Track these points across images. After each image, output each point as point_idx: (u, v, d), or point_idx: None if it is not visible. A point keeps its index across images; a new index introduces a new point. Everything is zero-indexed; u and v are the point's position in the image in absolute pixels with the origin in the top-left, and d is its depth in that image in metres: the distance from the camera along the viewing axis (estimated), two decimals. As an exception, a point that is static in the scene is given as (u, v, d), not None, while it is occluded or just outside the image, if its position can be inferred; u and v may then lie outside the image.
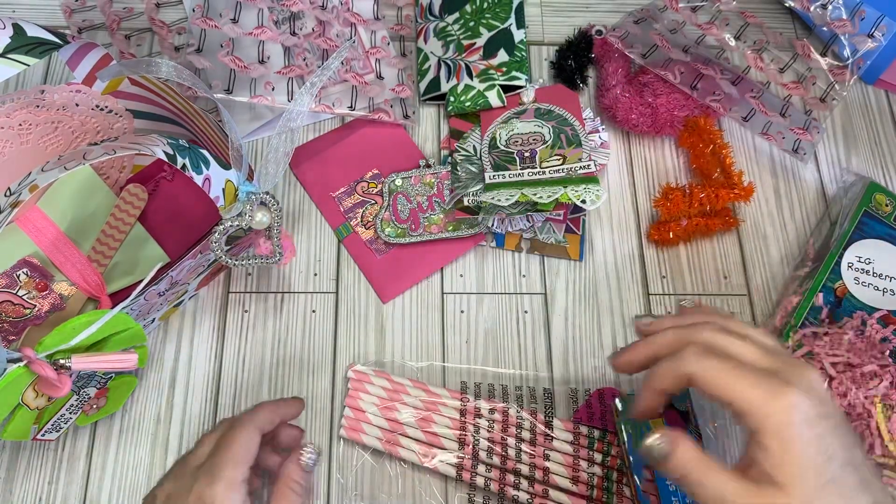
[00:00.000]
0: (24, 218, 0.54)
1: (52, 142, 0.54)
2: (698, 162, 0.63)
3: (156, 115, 0.57)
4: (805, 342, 0.54)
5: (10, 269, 0.53)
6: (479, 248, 0.61)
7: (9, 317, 0.53)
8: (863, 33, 0.60)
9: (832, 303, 0.56)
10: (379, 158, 0.63)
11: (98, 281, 0.54)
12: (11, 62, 0.45)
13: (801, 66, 0.63)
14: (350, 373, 0.56)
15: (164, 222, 0.59)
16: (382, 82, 0.65)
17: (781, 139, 0.64)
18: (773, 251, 0.63)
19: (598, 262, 0.61)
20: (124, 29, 0.67)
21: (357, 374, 0.56)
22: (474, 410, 0.54)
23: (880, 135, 0.68)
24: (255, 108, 0.64)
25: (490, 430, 0.53)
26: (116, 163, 0.58)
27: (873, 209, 0.60)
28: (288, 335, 0.58)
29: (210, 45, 0.61)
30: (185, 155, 0.45)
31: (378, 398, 0.55)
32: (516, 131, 0.62)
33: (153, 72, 0.49)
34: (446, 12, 0.69)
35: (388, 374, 0.56)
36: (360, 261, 0.60)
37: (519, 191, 0.56)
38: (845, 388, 0.51)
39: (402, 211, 0.60)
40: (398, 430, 0.53)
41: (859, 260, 0.58)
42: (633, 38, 0.65)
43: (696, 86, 0.63)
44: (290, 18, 0.63)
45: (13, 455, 0.53)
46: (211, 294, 0.59)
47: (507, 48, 0.66)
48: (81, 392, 0.48)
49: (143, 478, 0.52)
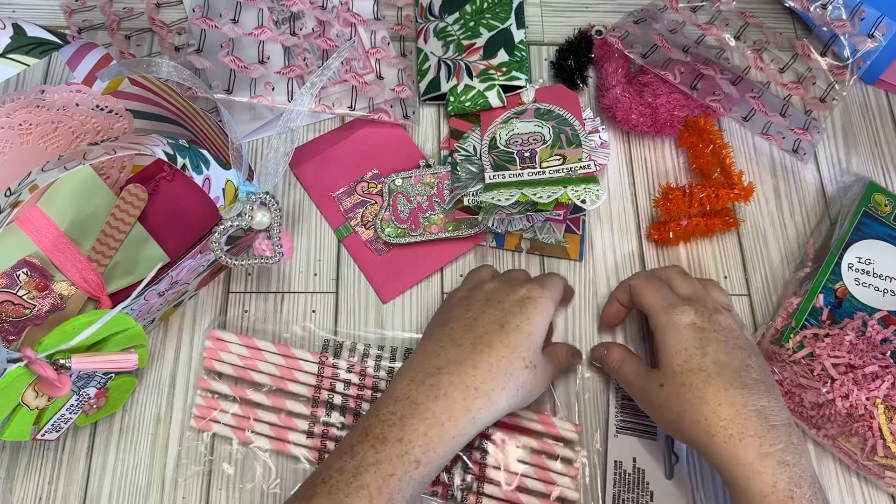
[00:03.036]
0: (24, 218, 0.54)
1: (52, 142, 0.54)
2: (698, 162, 0.63)
3: (156, 115, 0.57)
4: (806, 343, 0.54)
5: (10, 269, 0.53)
6: (479, 248, 0.61)
7: (9, 317, 0.53)
8: (863, 33, 0.60)
9: (833, 304, 0.56)
10: (379, 158, 0.63)
11: (98, 281, 0.54)
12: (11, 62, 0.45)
13: (801, 66, 0.63)
14: (208, 341, 0.55)
15: (164, 222, 0.58)
16: (382, 82, 0.65)
17: (781, 139, 0.64)
18: (773, 251, 0.63)
19: (598, 262, 0.61)
20: (124, 29, 0.67)
21: (216, 342, 0.54)
22: (332, 373, 0.54)
23: (880, 135, 0.68)
24: (255, 108, 0.64)
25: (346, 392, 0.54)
26: (116, 163, 0.58)
27: (873, 209, 0.60)
28: (288, 335, 0.57)
29: (210, 46, 0.61)
30: (185, 155, 0.45)
31: (232, 366, 0.54)
32: (516, 131, 0.62)
33: (153, 72, 0.49)
34: (446, 12, 0.69)
35: (251, 340, 0.55)
36: (360, 261, 0.60)
37: (519, 191, 0.56)
38: (847, 389, 0.51)
39: (402, 211, 0.60)
40: (251, 413, 0.53)
41: (859, 260, 0.58)
42: (633, 38, 0.65)
43: (696, 86, 0.63)
44: (290, 18, 0.63)
45: (13, 455, 0.53)
46: (211, 294, 0.59)
47: (507, 48, 0.66)
48: (81, 392, 0.48)
49: (143, 478, 0.52)
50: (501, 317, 0.49)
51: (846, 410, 0.51)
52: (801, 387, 0.53)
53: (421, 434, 0.44)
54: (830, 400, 0.51)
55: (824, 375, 0.52)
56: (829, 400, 0.51)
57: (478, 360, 0.47)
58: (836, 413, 0.51)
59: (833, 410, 0.51)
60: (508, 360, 0.47)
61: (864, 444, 0.51)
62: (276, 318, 0.58)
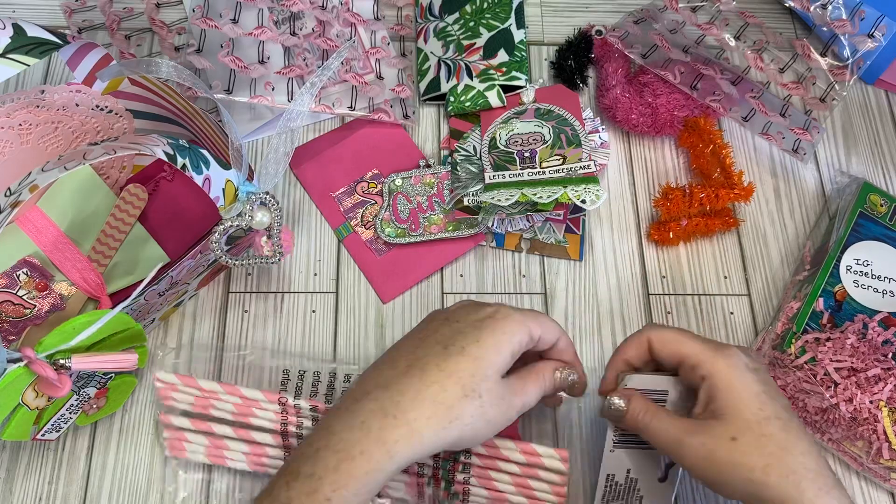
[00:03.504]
0: (24, 218, 0.54)
1: (52, 142, 0.54)
2: (698, 162, 0.63)
3: (156, 115, 0.57)
4: (808, 348, 0.53)
5: (10, 269, 0.53)
6: (479, 248, 0.61)
7: (9, 317, 0.53)
8: (863, 33, 0.60)
9: (833, 307, 0.56)
10: (379, 158, 0.63)
11: (98, 281, 0.54)
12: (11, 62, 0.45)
13: (801, 66, 0.63)
14: (156, 382, 0.51)
15: (164, 222, 0.58)
16: (382, 82, 0.65)
17: (781, 139, 0.64)
18: (773, 251, 0.63)
19: (598, 262, 0.61)
20: (124, 29, 0.67)
21: (164, 383, 0.50)
22: (295, 410, 0.50)
23: (880, 135, 0.68)
24: (255, 108, 0.64)
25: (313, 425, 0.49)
26: (116, 163, 0.58)
27: (868, 210, 0.60)
28: (288, 335, 0.58)
29: (210, 46, 0.61)
30: (185, 155, 0.45)
31: (189, 404, 0.50)
32: (516, 131, 0.62)
33: (153, 72, 0.49)
34: (446, 12, 0.69)
35: (194, 381, 0.50)
36: (360, 261, 0.60)
37: (519, 191, 0.56)
38: (850, 393, 0.51)
39: (402, 211, 0.60)
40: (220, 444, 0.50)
41: (858, 262, 0.58)
42: (633, 38, 0.65)
43: (696, 86, 0.63)
44: (290, 18, 0.63)
45: (13, 455, 0.53)
46: (211, 294, 0.59)
47: (507, 48, 0.66)
48: (81, 392, 0.48)
49: (143, 478, 0.52)
50: (449, 337, 0.42)
51: (850, 414, 0.51)
52: (805, 392, 0.52)
53: (331, 469, 0.39)
54: (834, 404, 0.51)
55: (827, 380, 0.52)
56: (832, 404, 0.51)
57: (405, 386, 0.40)
58: (840, 417, 0.51)
59: (837, 415, 0.51)
60: (440, 385, 0.40)
61: (870, 447, 0.51)
62: (276, 318, 0.58)
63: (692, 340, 0.44)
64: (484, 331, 0.42)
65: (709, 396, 0.42)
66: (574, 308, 0.59)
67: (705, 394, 0.42)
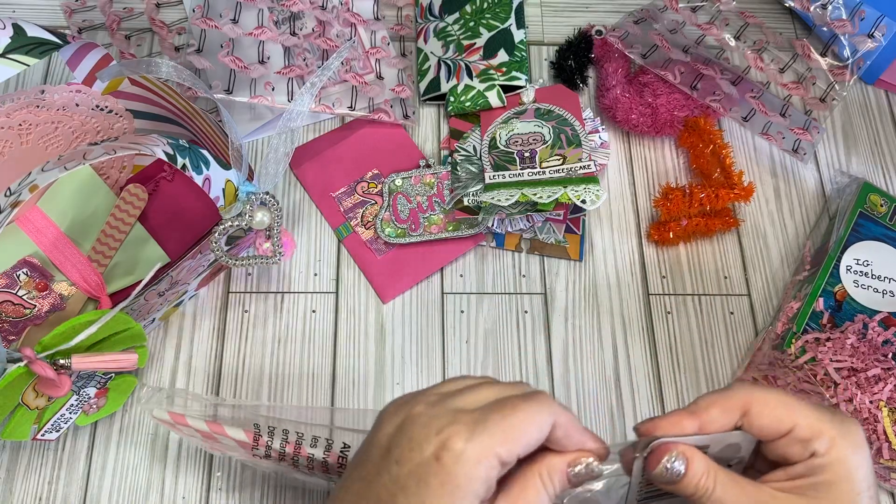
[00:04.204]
0: (24, 218, 0.54)
1: (52, 142, 0.54)
2: (698, 162, 0.63)
3: (156, 115, 0.57)
4: (808, 348, 0.53)
5: (10, 269, 0.53)
6: (479, 248, 0.61)
7: (9, 317, 0.53)
8: (863, 33, 0.60)
9: (833, 307, 0.56)
10: (379, 158, 0.63)
11: (98, 281, 0.54)
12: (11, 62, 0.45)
13: (801, 66, 0.63)
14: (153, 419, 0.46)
15: (164, 222, 0.58)
16: (382, 82, 0.65)
17: (781, 139, 0.64)
18: (773, 251, 0.63)
19: (598, 262, 0.61)
20: (124, 29, 0.67)
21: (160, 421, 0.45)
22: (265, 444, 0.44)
23: (880, 135, 0.68)
24: (255, 108, 0.64)
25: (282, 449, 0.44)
26: (116, 163, 0.58)
27: (868, 210, 0.60)
28: (288, 335, 0.58)
29: (210, 46, 0.61)
30: (185, 155, 0.45)
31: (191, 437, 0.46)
32: (516, 131, 0.62)
33: (153, 72, 0.49)
34: (446, 12, 0.69)
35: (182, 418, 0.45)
36: (360, 261, 0.60)
37: (519, 191, 0.56)
38: (850, 393, 0.51)
39: (402, 211, 0.60)
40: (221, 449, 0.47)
41: (857, 262, 0.58)
42: (633, 38, 0.65)
43: (696, 86, 0.63)
44: (290, 18, 0.63)
45: (13, 455, 0.53)
46: (211, 294, 0.59)
47: (507, 48, 0.66)
48: (81, 392, 0.48)
49: (143, 478, 0.52)
50: (390, 493, 0.32)
51: (850, 414, 0.51)
52: (805, 392, 0.52)
53: None
54: (834, 404, 0.51)
55: (827, 380, 0.52)
56: (832, 405, 0.51)
57: None
58: (840, 417, 0.51)
59: (837, 415, 0.51)
60: None
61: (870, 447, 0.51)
62: (276, 318, 0.58)
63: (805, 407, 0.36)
64: (431, 480, 0.31)
65: (811, 470, 0.35)
66: (574, 308, 0.59)
67: (806, 467, 0.35)
